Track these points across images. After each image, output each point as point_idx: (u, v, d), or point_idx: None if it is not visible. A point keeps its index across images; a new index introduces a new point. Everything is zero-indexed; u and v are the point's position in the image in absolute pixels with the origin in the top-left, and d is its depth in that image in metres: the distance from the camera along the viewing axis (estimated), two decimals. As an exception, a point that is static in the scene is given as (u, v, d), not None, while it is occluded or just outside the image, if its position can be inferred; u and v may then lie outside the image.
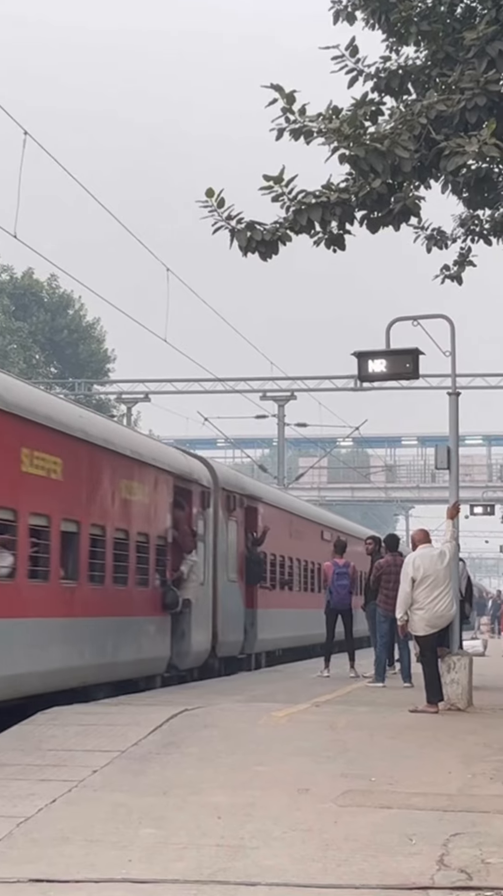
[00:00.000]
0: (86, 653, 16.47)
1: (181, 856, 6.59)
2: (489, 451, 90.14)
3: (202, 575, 21.33)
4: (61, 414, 16.45)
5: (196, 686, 19.14)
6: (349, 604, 20.55)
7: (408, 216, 14.09)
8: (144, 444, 20.38)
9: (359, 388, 45.06)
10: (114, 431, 19.16)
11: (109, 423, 21.74)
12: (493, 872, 6.28)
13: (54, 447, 15.63)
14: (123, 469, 18.14)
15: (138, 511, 18.73)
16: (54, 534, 15.48)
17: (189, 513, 20.99)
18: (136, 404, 52.48)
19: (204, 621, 21.52)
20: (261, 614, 26.12)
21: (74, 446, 16.34)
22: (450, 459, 16.15)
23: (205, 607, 21.55)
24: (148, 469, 19.20)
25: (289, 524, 30.53)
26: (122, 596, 17.87)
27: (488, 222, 16.73)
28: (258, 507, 26.31)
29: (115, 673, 17.65)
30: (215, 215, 13.16)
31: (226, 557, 23.40)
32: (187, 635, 20.31)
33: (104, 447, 17.47)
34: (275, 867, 6.35)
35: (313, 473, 66.94)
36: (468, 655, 15.14)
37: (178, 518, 20.33)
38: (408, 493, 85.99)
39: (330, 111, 12.86)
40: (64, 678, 15.64)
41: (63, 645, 15.71)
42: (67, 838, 7.01)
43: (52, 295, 67.30)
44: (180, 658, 20.17)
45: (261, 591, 26.03)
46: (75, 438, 16.40)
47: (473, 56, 13.28)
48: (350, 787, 8.73)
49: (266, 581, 26.60)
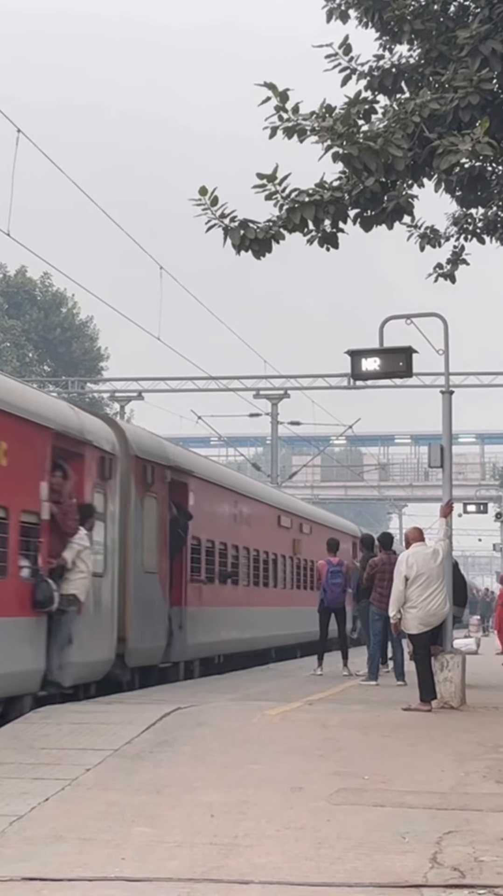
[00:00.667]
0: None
1: (174, 854, 6.59)
2: (482, 450, 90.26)
3: (103, 565, 16.91)
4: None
5: (189, 685, 19.13)
6: (343, 602, 20.57)
7: (401, 215, 14.11)
8: (6, 389, 14.81)
9: (353, 387, 45.07)
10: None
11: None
12: (486, 870, 6.29)
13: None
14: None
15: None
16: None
17: (78, 483, 16.17)
18: (130, 403, 52.42)
19: (104, 623, 16.90)
20: (194, 614, 21.55)
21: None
22: (444, 458, 16.17)
23: (105, 605, 16.96)
24: (12, 422, 14.25)
25: (233, 505, 25.95)
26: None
27: (481, 221, 16.77)
28: (188, 483, 21.84)
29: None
30: (208, 213, 13.16)
31: (139, 543, 18.71)
32: (73, 642, 15.46)
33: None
34: (269, 865, 6.35)
35: (307, 472, 67.00)
36: (461, 654, 15.15)
37: (59, 490, 15.54)
38: (402, 491, 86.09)
39: (323, 109, 12.86)
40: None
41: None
42: (61, 837, 7.01)
43: (45, 293, 67.22)
44: (62, 671, 15.28)
45: (193, 587, 21.79)
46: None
47: (466, 55, 13.28)
48: (343, 786, 8.74)
49: (201, 574, 22.40)
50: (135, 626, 18.32)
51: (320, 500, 65.88)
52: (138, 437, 19.59)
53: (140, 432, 20.56)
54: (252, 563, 27.22)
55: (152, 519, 19.53)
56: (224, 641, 24.22)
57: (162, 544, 19.96)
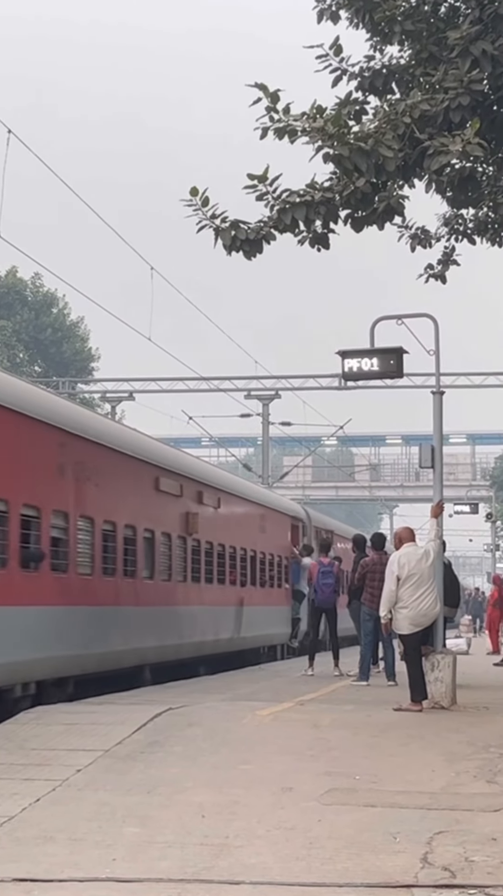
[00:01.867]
0: None
1: (165, 854, 6.59)
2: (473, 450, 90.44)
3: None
4: None
5: (180, 685, 19.12)
6: (334, 603, 20.57)
7: (392, 215, 14.13)
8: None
9: (344, 387, 45.07)
10: None
11: None
12: (477, 870, 6.29)
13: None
14: None
15: None
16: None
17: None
18: (121, 403, 52.40)
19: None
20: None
21: None
22: (435, 458, 16.18)
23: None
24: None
25: (60, 450, 16.67)
26: None
27: (472, 221, 16.79)
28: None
29: None
30: (199, 214, 13.16)
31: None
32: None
33: None
34: (259, 866, 6.36)
35: (298, 472, 67.05)
36: (452, 654, 15.16)
37: None
38: (393, 491, 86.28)
39: (314, 110, 12.87)
40: None
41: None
42: (51, 837, 7.00)
43: (36, 293, 67.16)
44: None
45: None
46: None
47: (457, 55, 13.30)
48: (334, 786, 8.74)
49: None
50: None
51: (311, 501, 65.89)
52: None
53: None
54: (100, 542, 17.98)
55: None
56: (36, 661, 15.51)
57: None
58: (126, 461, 19.51)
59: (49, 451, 16.35)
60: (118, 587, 18.87)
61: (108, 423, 22.03)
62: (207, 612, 24.07)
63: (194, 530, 22.91)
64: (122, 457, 19.32)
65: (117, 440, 19.51)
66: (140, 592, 19.84)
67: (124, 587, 19.13)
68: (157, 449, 22.23)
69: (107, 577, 18.33)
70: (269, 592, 29.05)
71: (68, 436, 16.94)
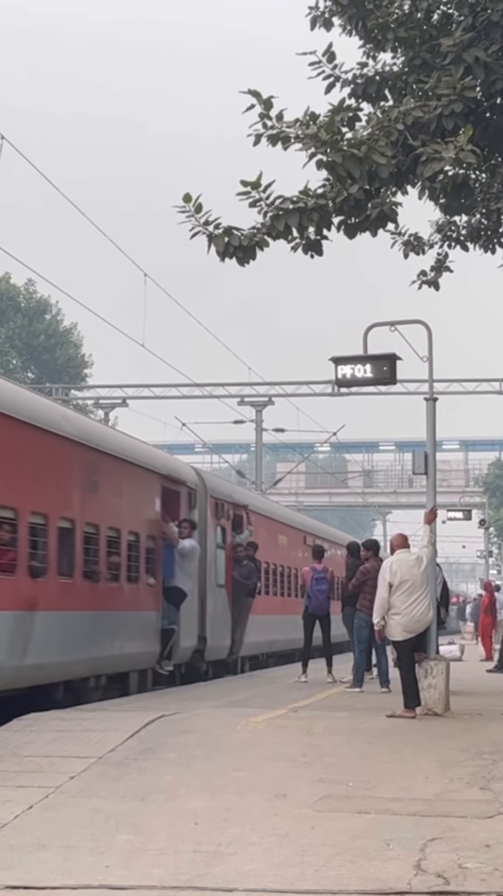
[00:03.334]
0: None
1: (158, 862, 6.58)
2: (466, 457, 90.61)
3: None
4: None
5: (174, 691, 19.10)
6: (327, 609, 20.55)
7: (385, 222, 14.14)
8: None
9: (337, 394, 45.13)
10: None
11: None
12: (470, 877, 6.29)
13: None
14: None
15: None
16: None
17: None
18: (114, 409, 52.42)
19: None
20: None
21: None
22: (428, 464, 16.17)
23: None
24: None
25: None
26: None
27: (465, 228, 16.80)
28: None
29: None
30: (193, 220, 13.16)
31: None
32: None
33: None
34: (253, 873, 6.35)
35: (291, 479, 67.06)
36: (445, 660, 15.16)
37: None
38: (386, 498, 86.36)
39: (307, 117, 12.89)
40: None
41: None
42: (44, 845, 6.99)
43: (29, 300, 67.12)
44: None
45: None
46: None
47: (450, 62, 13.33)
48: (327, 793, 8.73)
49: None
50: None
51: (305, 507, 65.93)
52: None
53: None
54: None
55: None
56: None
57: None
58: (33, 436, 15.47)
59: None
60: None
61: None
62: (94, 621, 17.25)
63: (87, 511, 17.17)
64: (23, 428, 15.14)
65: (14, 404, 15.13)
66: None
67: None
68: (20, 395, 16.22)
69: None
70: (116, 591, 18.32)
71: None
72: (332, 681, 20.18)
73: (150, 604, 19.84)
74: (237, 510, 25.76)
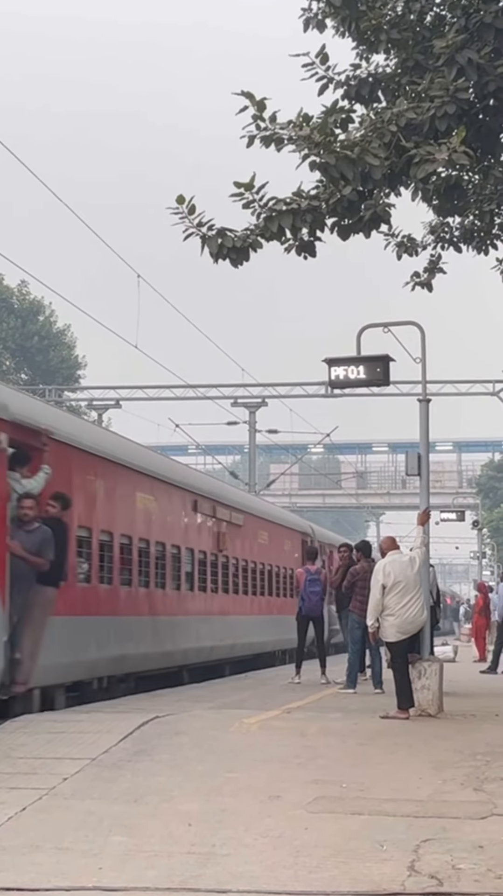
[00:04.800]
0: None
1: (152, 863, 6.58)
2: (459, 458, 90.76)
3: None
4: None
5: (167, 693, 19.10)
6: (321, 611, 20.56)
7: (378, 223, 14.15)
8: None
9: (331, 395, 45.14)
10: None
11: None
12: (464, 878, 6.30)
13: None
14: None
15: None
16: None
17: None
18: (107, 411, 52.39)
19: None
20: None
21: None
22: (421, 466, 16.19)
23: None
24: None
25: None
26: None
27: (458, 230, 16.82)
28: None
29: None
30: (186, 222, 13.16)
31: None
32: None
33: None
34: (246, 874, 6.35)
35: (284, 480, 67.09)
36: (439, 661, 15.17)
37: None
38: (379, 499, 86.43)
39: (300, 118, 12.89)
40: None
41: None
42: (38, 846, 6.98)
43: (22, 301, 67.10)
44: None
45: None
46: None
47: (443, 64, 13.33)
48: (321, 794, 8.73)
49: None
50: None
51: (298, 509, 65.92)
52: None
53: None
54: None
55: None
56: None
57: None
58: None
59: None
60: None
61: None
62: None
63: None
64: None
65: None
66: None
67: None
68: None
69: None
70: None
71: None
72: (326, 682, 20.19)
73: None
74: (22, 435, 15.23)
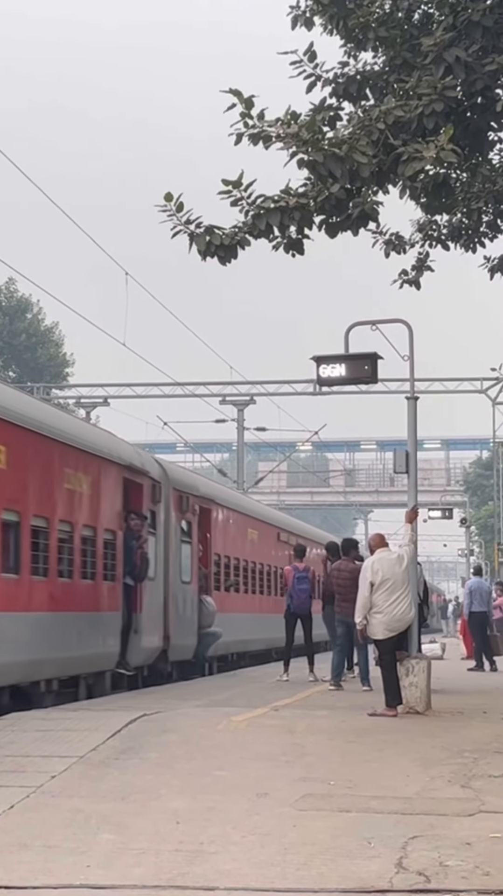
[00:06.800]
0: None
1: (140, 861, 6.58)
2: (447, 455, 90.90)
3: None
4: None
5: (155, 691, 19.09)
6: (309, 608, 20.56)
7: (366, 221, 14.15)
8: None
9: (319, 393, 45.15)
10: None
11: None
12: (451, 875, 6.31)
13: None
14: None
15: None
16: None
17: None
18: (95, 409, 52.36)
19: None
20: None
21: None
22: (409, 463, 16.20)
23: None
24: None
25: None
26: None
27: (446, 227, 16.83)
28: None
29: None
30: (174, 219, 13.15)
31: None
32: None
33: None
34: (234, 872, 6.35)
35: (273, 478, 67.10)
36: (426, 659, 15.18)
37: None
38: (367, 497, 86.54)
39: (288, 116, 12.89)
40: None
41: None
42: (25, 844, 6.98)
43: (9, 299, 67.04)
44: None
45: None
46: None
47: (431, 62, 13.35)
48: (309, 791, 8.74)
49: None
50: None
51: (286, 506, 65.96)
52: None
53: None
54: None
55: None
56: None
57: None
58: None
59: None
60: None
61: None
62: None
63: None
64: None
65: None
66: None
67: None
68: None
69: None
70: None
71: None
72: (314, 680, 20.19)
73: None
74: None
